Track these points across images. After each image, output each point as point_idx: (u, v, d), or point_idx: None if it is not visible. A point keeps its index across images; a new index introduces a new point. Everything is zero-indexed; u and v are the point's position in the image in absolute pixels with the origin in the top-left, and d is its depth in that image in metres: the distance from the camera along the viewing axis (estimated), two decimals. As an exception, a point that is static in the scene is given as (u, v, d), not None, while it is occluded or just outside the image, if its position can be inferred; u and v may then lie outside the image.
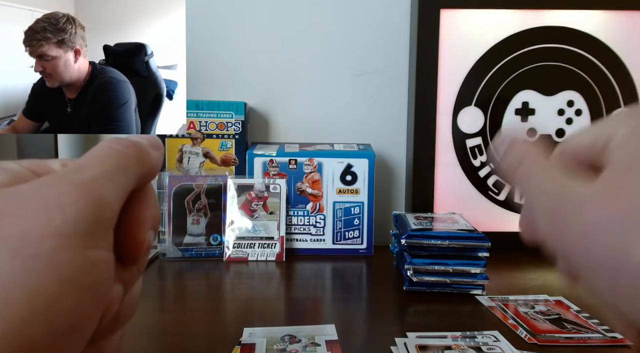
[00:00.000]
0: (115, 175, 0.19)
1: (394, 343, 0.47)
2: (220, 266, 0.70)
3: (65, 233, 0.16)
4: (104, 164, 0.19)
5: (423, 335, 0.48)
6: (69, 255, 0.16)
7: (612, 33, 0.75)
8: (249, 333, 0.49)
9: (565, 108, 0.77)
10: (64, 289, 0.16)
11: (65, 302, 0.16)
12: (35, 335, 0.15)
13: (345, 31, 0.84)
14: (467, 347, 0.45)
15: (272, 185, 0.74)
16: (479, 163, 0.78)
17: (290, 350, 0.45)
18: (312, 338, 0.48)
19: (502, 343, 0.46)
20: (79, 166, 0.19)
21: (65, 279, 0.16)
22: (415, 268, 0.59)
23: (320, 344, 0.46)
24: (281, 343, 0.47)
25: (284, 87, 0.85)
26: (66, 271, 0.16)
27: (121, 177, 0.19)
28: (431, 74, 0.76)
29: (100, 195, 0.18)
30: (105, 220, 0.18)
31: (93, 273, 0.17)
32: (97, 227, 0.18)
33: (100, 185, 0.18)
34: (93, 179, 0.18)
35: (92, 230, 0.17)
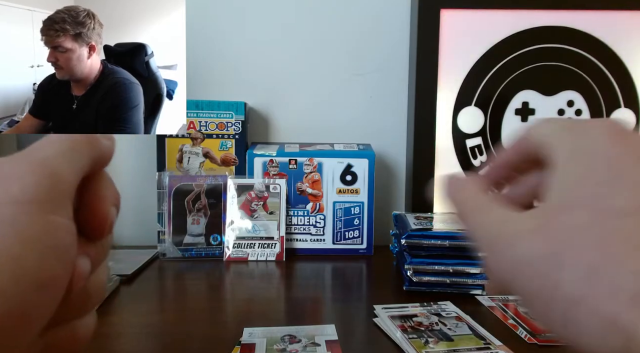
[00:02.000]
0: (68, 154, 0.22)
1: (393, 341, 0.47)
2: (220, 266, 0.70)
3: (23, 200, 0.19)
4: (58, 145, 0.22)
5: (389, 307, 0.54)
6: (28, 219, 0.18)
7: (612, 33, 0.75)
8: (249, 333, 0.49)
9: (565, 108, 0.77)
10: (27, 248, 0.18)
11: (29, 260, 0.18)
12: (4, 288, 0.17)
13: (345, 31, 0.84)
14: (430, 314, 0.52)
15: (272, 185, 0.74)
16: (479, 163, 0.78)
17: (291, 350, 0.45)
18: (312, 338, 0.48)
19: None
20: (33, 148, 0.21)
21: (27, 240, 0.18)
22: (415, 268, 0.59)
23: (320, 344, 0.46)
24: (281, 343, 0.47)
25: (284, 87, 0.85)
26: (27, 233, 0.18)
27: (74, 156, 0.22)
28: (431, 74, 0.76)
29: (54, 169, 0.20)
30: (61, 191, 0.20)
31: (54, 235, 0.19)
32: (54, 196, 0.20)
33: (54, 162, 0.21)
34: (47, 157, 0.21)
35: (49, 198, 0.19)
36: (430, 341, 0.46)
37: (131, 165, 0.87)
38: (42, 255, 0.18)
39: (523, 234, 0.22)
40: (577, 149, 0.23)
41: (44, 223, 0.19)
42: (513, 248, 0.22)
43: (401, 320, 0.50)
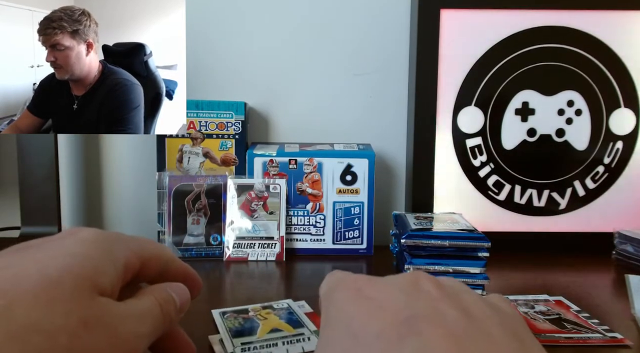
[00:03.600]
0: (150, 335, 0.29)
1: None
2: (220, 266, 0.70)
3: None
4: (149, 326, 0.28)
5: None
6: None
7: (612, 33, 0.75)
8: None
9: (565, 108, 0.77)
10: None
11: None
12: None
13: (345, 31, 0.84)
14: None
15: (272, 185, 0.74)
16: (479, 163, 0.78)
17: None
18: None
19: None
20: (139, 320, 0.28)
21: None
22: (415, 268, 0.59)
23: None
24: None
25: (284, 87, 0.85)
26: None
27: (152, 336, 0.29)
28: (431, 74, 0.76)
29: (138, 349, 0.27)
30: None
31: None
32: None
33: (142, 341, 0.28)
34: (140, 337, 0.27)
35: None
36: None
37: (131, 165, 0.87)
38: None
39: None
40: (330, 319, 0.27)
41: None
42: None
43: None
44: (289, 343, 0.44)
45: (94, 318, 0.25)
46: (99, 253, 0.28)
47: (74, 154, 0.87)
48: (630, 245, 0.70)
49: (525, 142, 0.77)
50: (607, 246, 0.74)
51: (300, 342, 0.44)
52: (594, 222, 0.78)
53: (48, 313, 0.23)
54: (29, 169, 0.79)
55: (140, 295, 0.30)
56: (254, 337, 0.45)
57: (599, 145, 0.77)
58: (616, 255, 0.72)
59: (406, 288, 0.26)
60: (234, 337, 0.45)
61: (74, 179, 0.88)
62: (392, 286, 0.27)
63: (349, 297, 0.27)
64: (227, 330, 0.47)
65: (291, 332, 0.46)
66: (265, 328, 0.46)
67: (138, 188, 0.87)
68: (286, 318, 0.49)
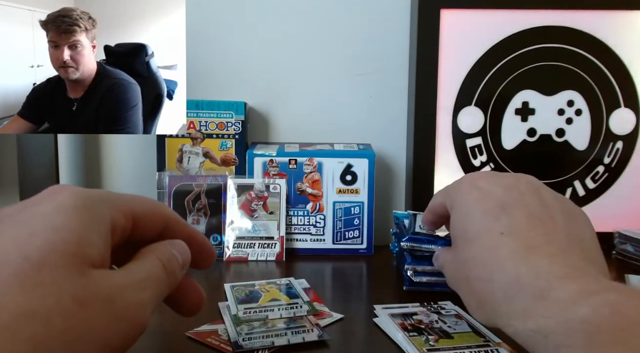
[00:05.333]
0: (155, 300, 0.29)
1: (393, 341, 0.47)
2: (220, 266, 0.70)
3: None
4: (153, 290, 0.29)
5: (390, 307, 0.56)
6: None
7: (612, 33, 0.75)
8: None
9: (565, 108, 0.77)
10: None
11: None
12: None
13: (345, 31, 0.84)
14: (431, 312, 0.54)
15: (272, 185, 0.74)
16: (479, 163, 0.78)
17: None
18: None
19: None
20: (139, 286, 0.27)
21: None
22: (415, 268, 0.59)
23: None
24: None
25: (284, 87, 0.85)
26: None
27: (158, 300, 0.30)
28: (431, 74, 0.76)
29: (142, 318, 0.28)
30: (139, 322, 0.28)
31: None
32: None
33: (146, 309, 0.28)
34: (142, 305, 0.28)
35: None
36: (431, 338, 0.47)
37: (131, 165, 0.87)
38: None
39: (449, 262, 0.46)
40: (454, 202, 0.41)
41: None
42: (452, 271, 0.46)
43: (401, 318, 0.51)
44: (284, 309, 0.52)
45: (88, 294, 0.23)
46: (80, 222, 0.25)
47: (74, 154, 0.87)
48: (630, 245, 0.70)
49: (525, 142, 0.77)
50: (607, 246, 0.74)
51: (293, 308, 0.53)
52: (593, 222, 0.76)
53: (37, 297, 0.22)
54: (29, 169, 0.79)
55: (141, 257, 0.29)
56: (255, 304, 0.54)
57: (599, 145, 0.77)
58: (616, 255, 0.72)
59: (505, 184, 0.39)
60: (239, 304, 0.54)
61: (74, 179, 0.88)
62: (497, 182, 0.39)
63: (467, 186, 0.40)
64: (235, 298, 0.55)
65: (287, 301, 0.55)
66: (266, 298, 0.55)
67: (138, 188, 0.87)
68: (285, 291, 0.58)
